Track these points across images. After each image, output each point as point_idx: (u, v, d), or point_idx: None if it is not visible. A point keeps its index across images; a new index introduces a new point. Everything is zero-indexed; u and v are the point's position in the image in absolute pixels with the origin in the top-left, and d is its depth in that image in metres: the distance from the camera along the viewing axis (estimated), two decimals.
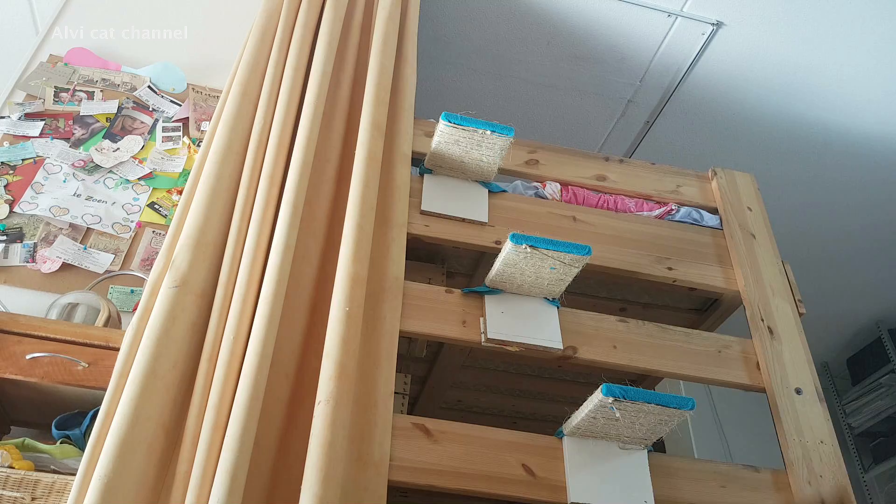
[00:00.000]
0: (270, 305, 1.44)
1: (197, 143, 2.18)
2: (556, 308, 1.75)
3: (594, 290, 2.24)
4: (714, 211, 2.15)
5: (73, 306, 1.65)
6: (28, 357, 1.42)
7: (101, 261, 1.89)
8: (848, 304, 3.92)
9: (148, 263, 1.90)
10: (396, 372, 1.53)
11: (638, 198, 2.12)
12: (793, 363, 1.80)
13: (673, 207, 2.11)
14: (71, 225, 1.94)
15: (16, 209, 1.92)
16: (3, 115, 2.08)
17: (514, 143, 1.85)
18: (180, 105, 2.24)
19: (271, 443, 1.37)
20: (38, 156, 2.03)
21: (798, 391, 1.76)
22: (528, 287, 1.71)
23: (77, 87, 2.20)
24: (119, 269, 1.89)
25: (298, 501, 1.22)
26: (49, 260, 1.85)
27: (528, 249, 1.59)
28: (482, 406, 2.59)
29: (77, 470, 1.24)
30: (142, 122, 2.18)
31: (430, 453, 1.48)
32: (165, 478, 1.29)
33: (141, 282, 1.87)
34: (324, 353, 1.41)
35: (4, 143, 2.03)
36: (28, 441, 1.40)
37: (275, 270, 1.49)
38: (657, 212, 2.10)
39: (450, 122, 1.79)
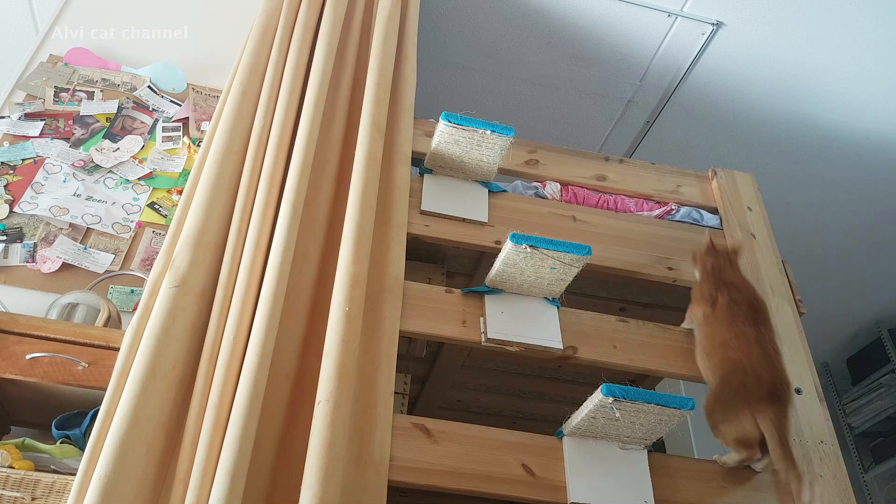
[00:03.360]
0: (270, 305, 1.44)
1: (197, 143, 2.18)
2: (556, 308, 1.75)
3: (594, 290, 2.24)
4: (714, 211, 2.15)
5: (73, 306, 1.65)
6: (28, 357, 1.42)
7: (101, 261, 1.89)
8: (848, 304, 3.92)
9: (148, 263, 1.90)
10: (396, 372, 1.53)
11: (638, 198, 2.12)
12: (793, 363, 1.80)
13: (673, 207, 2.11)
14: (71, 225, 1.94)
15: (16, 209, 1.92)
16: (3, 115, 2.08)
17: (514, 143, 1.85)
18: (180, 105, 2.24)
19: (271, 443, 1.37)
20: (38, 156, 2.03)
21: (798, 391, 1.76)
22: (528, 287, 1.71)
23: (77, 87, 2.20)
24: (119, 269, 1.89)
25: (298, 501, 1.22)
26: (49, 260, 1.85)
27: (528, 249, 1.59)
28: (482, 406, 2.59)
29: (77, 470, 1.24)
30: (142, 122, 2.18)
31: (430, 453, 1.48)
32: (165, 478, 1.29)
33: (141, 282, 1.87)
34: (324, 352, 1.41)
35: (4, 143, 2.03)
36: (28, 441, 1.40)
37: (275, 270, 1.49)
38: (657, 212, 2.10)
39: (450, 122, 1.79)
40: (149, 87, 2.26)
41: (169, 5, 2.46)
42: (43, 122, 2.10)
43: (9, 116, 2.08)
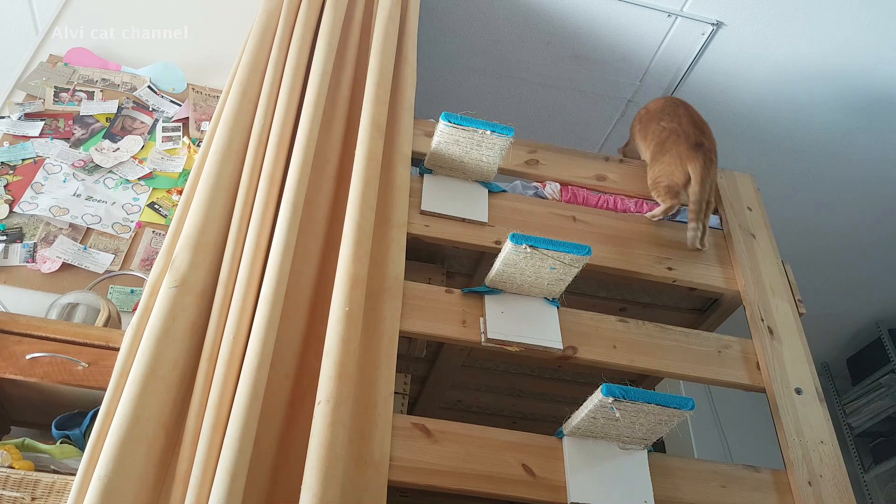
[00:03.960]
0: (270, 305, 1.44)
1: (197, 143, 2.18)
2: (556, 308, 1.75)
3: (594, 290, 2.24)
4: (714, 211, 2.15)
5: (73, 306, 1.65)
6: (28, 357, 1.42)
7: (101, 261, 1.89)
8: (848, 304, 3.92)
9: (148, 263, 1.90)
10: (396, 372, 1.53)
11: (638, 198, 2.12)
12: (793, 363, 1.80)
13: None
14: (71, 225, 1.94)
15: (16, 209, 1.92)
16: (3, 115, 2.08)
17: (514, 143, 1.85)
18: (180, 105, 2.24)
19: (271, 443, 1.37)
20: (38, 156, 2.03)
21: (798, 391, 1.76)
22: (528, 287, 1.71)
23: (77, 87, 2.20)
24: (119, 269, 1.89)
25: (298, 501, 1.22)
26: (49, 260, 1.85)
27: (528, 249, 1.59)
28: (482, 406, 2.59)
29: (77, 470, 1.24)
30: (142, 122, 2.18)
31: (430, 453, 1.48)
32: (165, 478, 1.29)
33: (141, 282, 1.87)
34: (324, 352, 1.41)
35: (4, 143, 2.03)
36: (28, 441, 1.40)
37: (275, 270, 1.49)
38: None
39: (450, 122, 1.79)
40: (149, 87, 2.26)
41: (169, 5, 2.45)
42: (43, 122, 2.10)
43: (9, 116, 2.08)
